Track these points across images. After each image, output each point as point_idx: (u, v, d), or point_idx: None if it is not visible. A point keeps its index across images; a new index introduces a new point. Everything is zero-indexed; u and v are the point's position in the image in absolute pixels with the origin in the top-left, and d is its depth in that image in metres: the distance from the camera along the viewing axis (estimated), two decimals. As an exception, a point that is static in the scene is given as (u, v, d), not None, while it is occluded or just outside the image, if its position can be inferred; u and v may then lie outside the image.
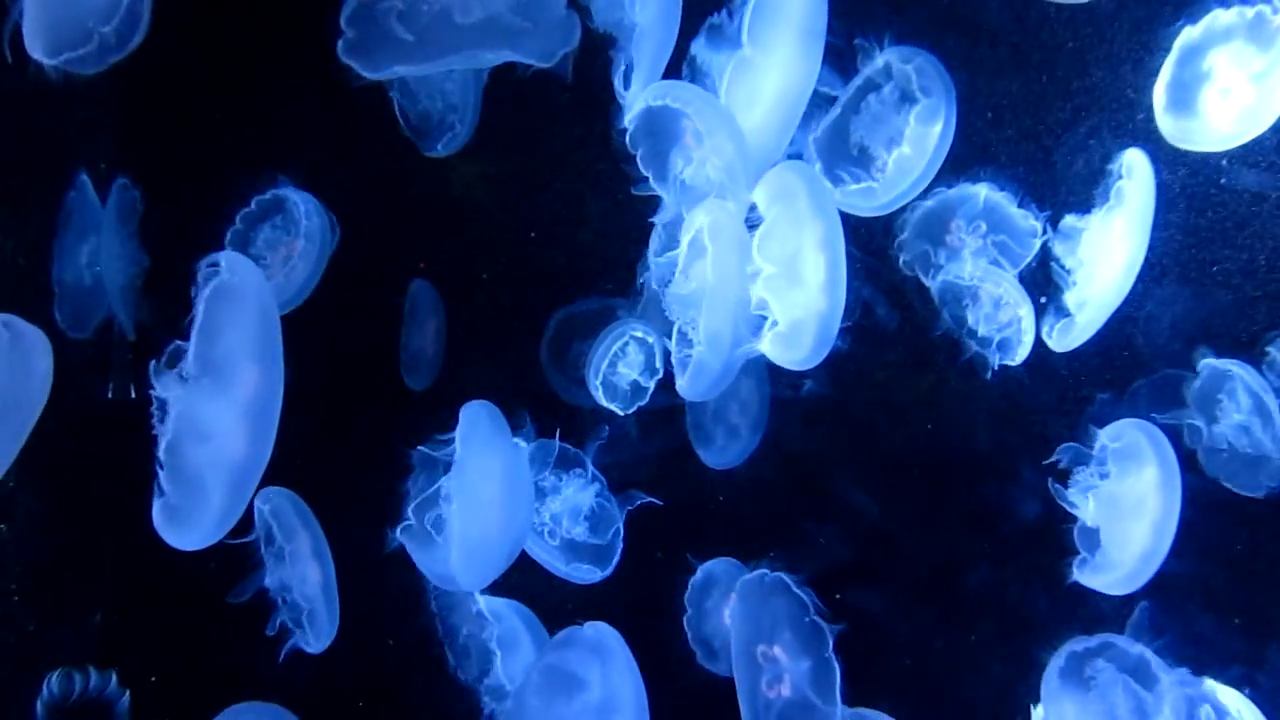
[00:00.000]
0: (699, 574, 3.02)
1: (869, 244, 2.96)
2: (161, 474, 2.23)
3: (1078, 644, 2.66)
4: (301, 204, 3.02)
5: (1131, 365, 3.03)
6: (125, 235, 3.11)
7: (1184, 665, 2.70)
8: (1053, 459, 2.79)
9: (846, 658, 2.72)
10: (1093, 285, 2.82)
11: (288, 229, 3.02)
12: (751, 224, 2.64)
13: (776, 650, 2.70)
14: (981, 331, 2.95)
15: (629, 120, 2.63)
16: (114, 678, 2.83)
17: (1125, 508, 2.72)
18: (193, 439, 2.22)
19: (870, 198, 2.82)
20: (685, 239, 2.62)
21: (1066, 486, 2.75)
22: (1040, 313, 2.90)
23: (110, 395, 3.27)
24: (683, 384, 2.67)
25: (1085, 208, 2.83)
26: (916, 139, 2.76)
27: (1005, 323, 2.93)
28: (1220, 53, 2.78)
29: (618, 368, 3.01)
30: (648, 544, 3.01)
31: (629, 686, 2.59)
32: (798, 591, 2.68)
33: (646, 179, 2.70)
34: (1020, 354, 2.91)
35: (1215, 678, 2.72)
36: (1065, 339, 2.85)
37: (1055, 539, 2.78)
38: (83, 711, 2.77)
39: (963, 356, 2.99)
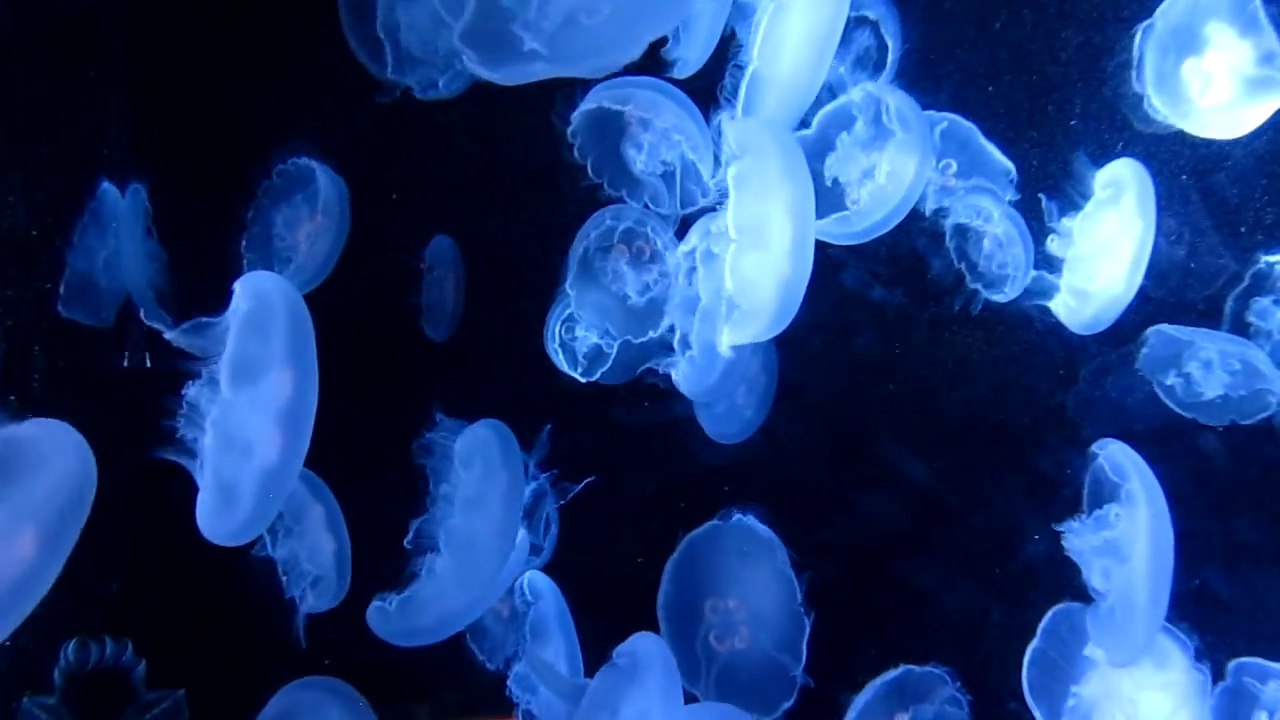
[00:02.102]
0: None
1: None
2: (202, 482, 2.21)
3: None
4: (318, 177, 2.99)
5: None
6: (142, 234, 3.09)
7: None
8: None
9: (896, 628, 2.69)
10: (1096, 280, 2.78)
11: (306, 205, 2.99)
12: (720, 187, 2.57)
13: (732, 604, 2.63)
14: (981, 268, 2.92)
15: (572, 129, 2.63)
16: (130, 646, 2.82)
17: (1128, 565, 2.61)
18: (229, 448, 2.20)
19: (845, 224, 2.76)
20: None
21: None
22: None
23: (125, 364, 3.26)
24: (678, 378, 2.66)
25: (1080, 197, 2.81)
26: (894, 173, 2.69)
27: (1004, 262, 2.90)
28: (1215, 28, 2.71)
29: (575, 331, 2.93)
30: (694, 510, 2.98)
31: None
32: (767, 540, 2.62)
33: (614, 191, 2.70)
34: (1008, 292, 2.88)
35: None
36: (1069, 317, 2.82)
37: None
38: (99, 680, 2.77)
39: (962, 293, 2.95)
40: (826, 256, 2.91)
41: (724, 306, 2.49)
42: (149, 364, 3.24)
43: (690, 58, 2.67)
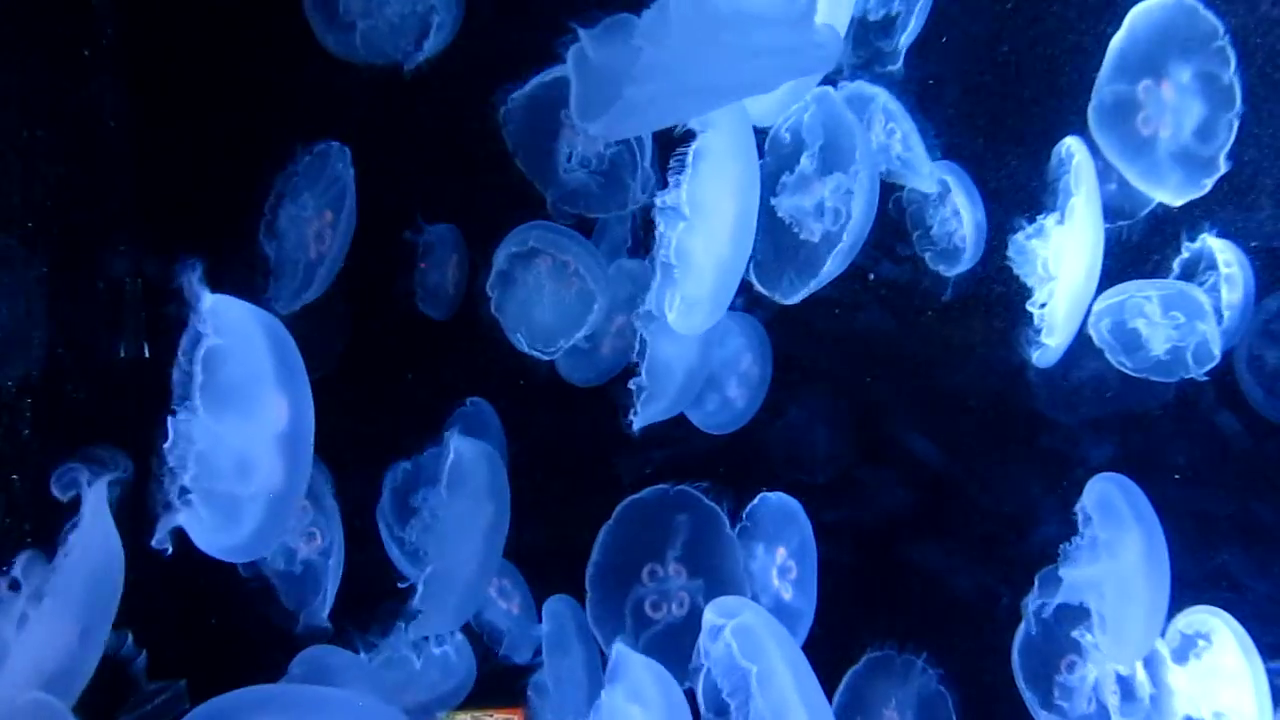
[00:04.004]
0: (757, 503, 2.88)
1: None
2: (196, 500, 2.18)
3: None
4: (335, 168, 2.97)
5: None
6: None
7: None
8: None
9: (904, 615, 2.62)
10: (1061, 304, 2.73)
11: (320, 199, 2.98)
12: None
13: (672, 569, 2.56)
14: (934, 232, 2.89)
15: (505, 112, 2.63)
16: (129, 637, 2.80)
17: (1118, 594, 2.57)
18: (223, 474, 2.17)
19: (807, 289, 2.75)
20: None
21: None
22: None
23: (123, 354, 3.25)
24: (636, 415, 2.63)
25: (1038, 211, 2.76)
26: (839, 213, 2.68)
27: (957, 235, 2.86)
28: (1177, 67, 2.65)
29: None
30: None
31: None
32: (710, 504, 2.55)
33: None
34: (956, 267, 2.86)
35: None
36: (1045, 358, 2.78)
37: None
38: (99, 671, 2.75)
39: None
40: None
41: (667, 291, 2.45)
42: (146, 354, 3.23)
43: None
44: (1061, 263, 2.70)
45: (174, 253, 3.15)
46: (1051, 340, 2.74)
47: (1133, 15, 2.66)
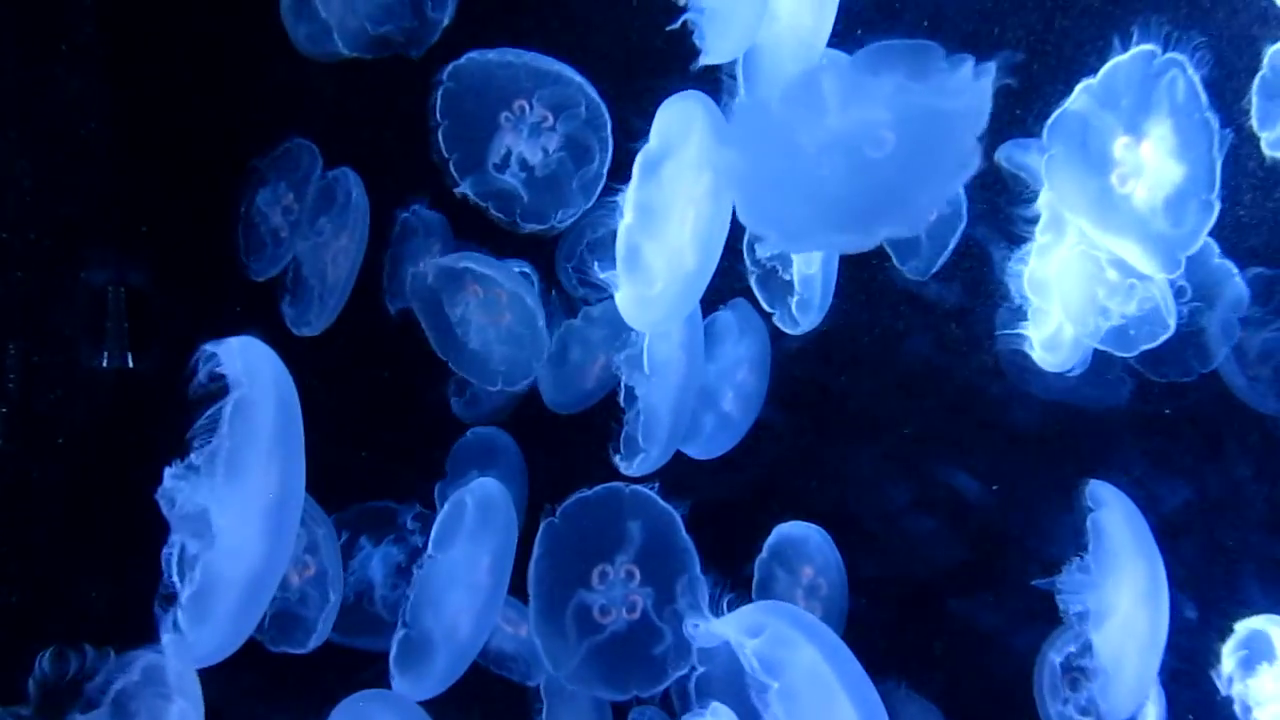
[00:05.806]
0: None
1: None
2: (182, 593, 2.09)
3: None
4: (342, 187, 2.90)
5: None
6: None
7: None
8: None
9: (949, 672, 2.55)
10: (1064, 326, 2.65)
11: (331, 225, 2.91)
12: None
13: (624, 571, 2.47)
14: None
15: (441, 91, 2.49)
16: (111, 656, 2.73)
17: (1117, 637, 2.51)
18: (211, 548, 2.07)
19: (793, 326, 2.78)
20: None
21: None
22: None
23: (105, 364, 3.19)
24: (628, 465, 2.59)
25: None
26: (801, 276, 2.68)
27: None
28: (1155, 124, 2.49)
29: None
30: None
31: None
32: (665, 507, 2.43)
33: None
34: (925, 266, 2.81)
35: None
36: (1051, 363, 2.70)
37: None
38: (77, 690, 2.67)
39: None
40: (877, 248, 2.84)
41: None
42: (130, 364, 3.17)
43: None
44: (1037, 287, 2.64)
45: (156, 259, 3.14)
46: (1052, 357, 2.68)
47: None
